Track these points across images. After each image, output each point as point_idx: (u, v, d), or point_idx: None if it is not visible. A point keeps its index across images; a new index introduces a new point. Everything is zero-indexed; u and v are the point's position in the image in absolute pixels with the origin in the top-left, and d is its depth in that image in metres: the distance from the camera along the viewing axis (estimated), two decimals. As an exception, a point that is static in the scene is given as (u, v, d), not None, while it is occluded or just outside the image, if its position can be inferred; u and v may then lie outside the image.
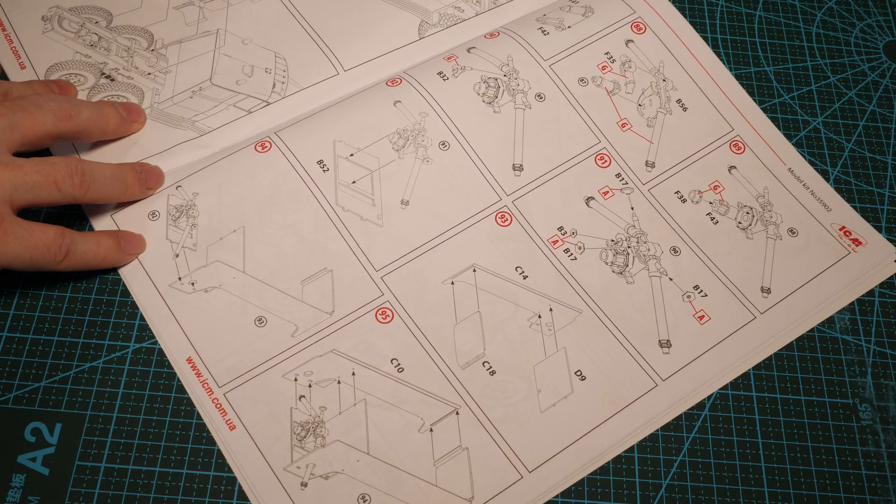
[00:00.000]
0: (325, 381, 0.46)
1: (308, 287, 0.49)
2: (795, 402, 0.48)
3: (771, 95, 0.59)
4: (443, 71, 0.55)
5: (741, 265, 0.51)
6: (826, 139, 0.57)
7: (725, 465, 0.46)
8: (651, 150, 0.55)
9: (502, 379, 0.47)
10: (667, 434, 0.47)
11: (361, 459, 0.44)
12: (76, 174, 0.46)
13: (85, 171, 0.46)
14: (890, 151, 0.57)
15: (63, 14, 0.56)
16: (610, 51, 0.57)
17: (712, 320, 0.50)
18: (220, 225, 0.50)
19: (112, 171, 0.48)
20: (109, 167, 0.48)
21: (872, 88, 0.60)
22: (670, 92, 0.57)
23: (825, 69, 0.60)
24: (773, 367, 0.49)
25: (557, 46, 0.57)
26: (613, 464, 0.46)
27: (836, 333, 0.50)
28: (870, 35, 0.62)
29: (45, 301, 0.48)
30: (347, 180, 0.52)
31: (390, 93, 0.54)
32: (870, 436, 0.48)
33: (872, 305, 0.51)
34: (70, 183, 0.45)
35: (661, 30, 0.59)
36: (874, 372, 0.49)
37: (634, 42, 0.58)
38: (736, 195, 0.54)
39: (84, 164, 0.46)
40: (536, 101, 0.55)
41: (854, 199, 0.55)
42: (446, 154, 0.53)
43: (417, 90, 0.54)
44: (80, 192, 0.46)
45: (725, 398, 0.48)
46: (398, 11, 0.58)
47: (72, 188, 0.46)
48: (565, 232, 0.52)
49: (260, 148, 0.52)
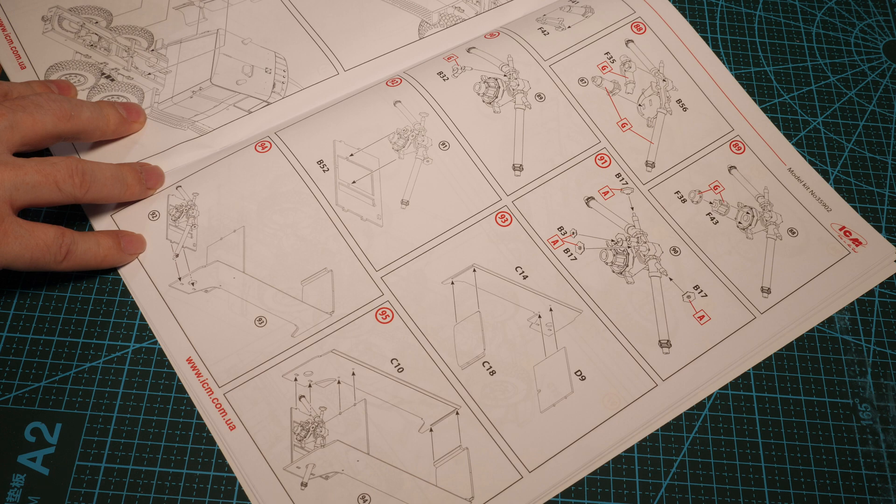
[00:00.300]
0: (325, 381, 0.46)
1: (308, 287, 0.48)
2: (795, 402, 0.48)
3: (771, 95, 0.59)
4: (443, 71, 0.55)
5: (741, 265, 0.51)
6: (826, 139, 0.57)
7: (725, 465, 0.46)
8: (651, 150, 0.55)
9: (502, 379, 0.47)
10: (667, 434, 0.47)
11: (361, 459, 0.44)
12: (76, 174, 0.46)
13: (85, 171, 0.46)
14: (890, 151, 0.57)
15: (63, 14, 0.56)
16: (610, 51, 0.57)
17: (712, 320, 0.50)
18: (220, 225, 0.50)
19: (112, 171, 0.48)
20: (110, 167, 0.48)
21: (872, 88, 0.60)
22: (670, 92, 0.57)
23: (825, 69, 0.60)
24: (773, 367, 0.49)
25: (557, 46, 0.57)
26: (613, 464, 0.46)
27: (836, 333, 0.50)
28: (870, 35, 0.62)
29: (45, 301, 0.48)
30: (347, 180, 0.52)
31: (390, 93, 0.54)
32: (870, 436, 0.48)
33: (872, 305, 0.51)
34: (70, 183, 0.45)
35: (661, 30, 0.59)
36: (874, 372, 0.49)
37: (634, 42, 0.58)
38: (736, 195, 0.54)
39: (84, 163, 0.46)
40: (536, 101, 0.55)
41: (854, 199, 0.55)
42: (446, 154, 0.53)
43: (417, 90, 0.54)
44: (80, 191, 0.46)
45: (725, 398, 0.48)
46: (398, 11, 0.58)
47: (72, 188, 0.45)
48: (565, 232, 0.52)
49: (260, 148, 0.52)
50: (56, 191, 0.45)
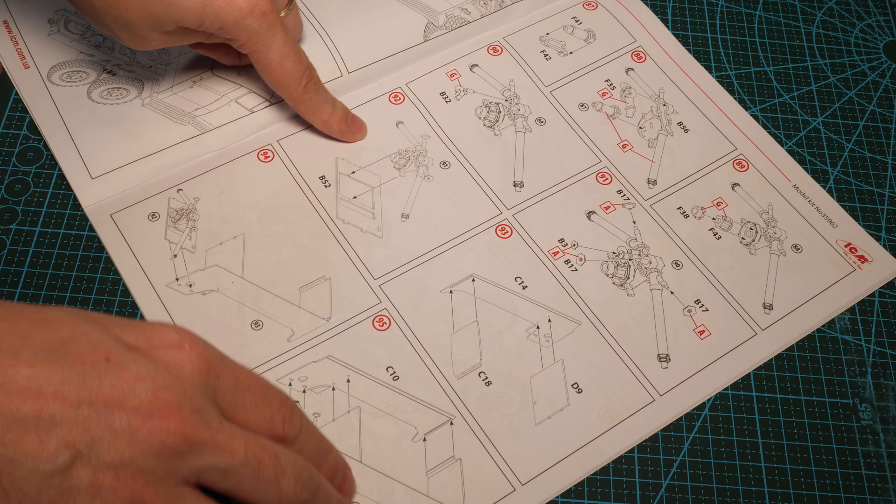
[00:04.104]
0: (320, 388, 0.46)
1: (306, 294, 0.48)
2: (795, 402, 0.48)
3: (771, 95, 0.59)
4: (445, 91, 0.56)
5: (743, 280, 0.51)
6: (826, 139, 0.57)
7: (725, 465, 0.46)
8: (653, 169, 0.54)
9: (498, 390, 0.47)
10: (667, 434, 0.46)
11: (353, 467, 0.44)
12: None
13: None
14: (890, 151, 0.57)
15: (69, 17, 0.56)
16: (610, 78, 0.58)
17: (712, 335, 0.49)
18: (220, 230, 0.50)
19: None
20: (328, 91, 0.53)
21: (872, 88, 0.60)
22: (671, 115, 0.57)
23: (825, 69, 0.60)
24: (773, 367, 0.49)
25: (559, 73, 0.58)
26: (613, 464, 0.45)
27: (836, 333, 0.50)
28: (870, 35, 0.62)
29: (45, 301, 0.48)
30: (348, 196, 0.52)
31: (393, 111, 0.54)
32: (870, 436, 0.47)
33: (872, 305, 0.51)
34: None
35: (660, 58, 0.59)
36: (874, 372, 0.49)
37: (635, 70, 0.58)
38: (739, 211, 0.53)
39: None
40: (537, 125, 0.55)
41: (854, 199, 0.55)
42: (447, 172, 0.53)
43: (419, 111, 0.55)
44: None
45: (725, 398, 0.48)
46: (405, 10, 0.58)
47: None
48: (566, 243, 0.51)
49: (263, 157, 0.52)
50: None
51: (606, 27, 0.60)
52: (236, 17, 0.46)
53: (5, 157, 0.52)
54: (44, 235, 0.50)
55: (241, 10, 0.46)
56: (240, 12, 0.46)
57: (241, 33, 0.47)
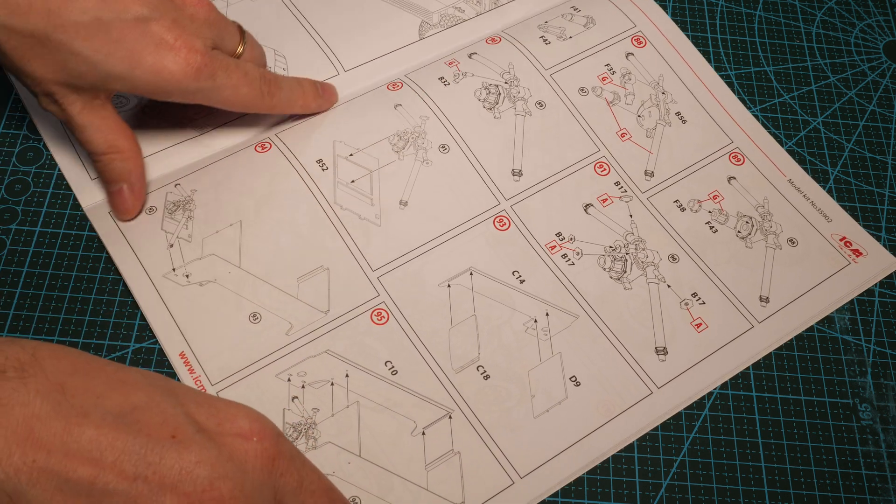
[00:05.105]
0: (319, 383, 0.46)
1: (304, 284, 0.48)
2: (795, 402, 0.48)
3: (771, 95, 0.59)
4: (444, 76, 0.55)
5: (740, 274, 0.51)
6: (826, 139, 0.57)
7: (725, 465, 0.46)
8: (650, 160, 0.54)
9: (496, 384, 0.47)
10: (667, 434, 0.47)
11: (353, 462, 0.44)
12: (266, 82, 0.49)
13: (273, 79, 0.49)
14: (890, 151, 0.57)
15: None
16: (610, 62, 0.57)
17: (709, 328, 0.49)
18: (217, 218, 0.50)
19: (292, 80, 0.51)
20: (289, 77, 0.52)
21: (872, 88, 0.60)
22: (669, 105, 0.56)
23: (825, 69, 0.60)
24: (773, 367, 0.49)
25: (558, 56, 0.57)
26: (613, 464, 0.46)
27: (836, 333, 0.50)
28: (870, 35, 0.62)
29: (45, 301, 0.48)
30: (346, 179, 0.51)
31: (391, 96, 0.54)
32: (870, 436, 0.48)
33: (872, 305, 0.51)
34: (262, 81, 0.49)
35: (660, 44, 0.59)
36: (874, 372, 0.49)
37: (634, 55, 0.58)
38: (735, 205, 0.53)
39: (271, 73, 0.50)
40: (537, 108, 0.55)
41: (854, 199, 0.55)
42: (446, 157, 0.53)
43: (418, 94, 0.54)
44: (268, 96, 0.49)
45: (725, 398, 0.48)
46: (399, 11, 0.58)
47: (261, 85, 0.49)
48: (563, 237, 0.51)
49: (260, 148, 0.52)
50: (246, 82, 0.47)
51: (606, 13, 0.60)
52: (170, 85, 0.44)
53: (5, 157, 0.52)
54: (44, 235, 0.49)
55: (173, 75, 0.43)
56: (172, 78, 0.44)
57: (182, 96, 0.45)
